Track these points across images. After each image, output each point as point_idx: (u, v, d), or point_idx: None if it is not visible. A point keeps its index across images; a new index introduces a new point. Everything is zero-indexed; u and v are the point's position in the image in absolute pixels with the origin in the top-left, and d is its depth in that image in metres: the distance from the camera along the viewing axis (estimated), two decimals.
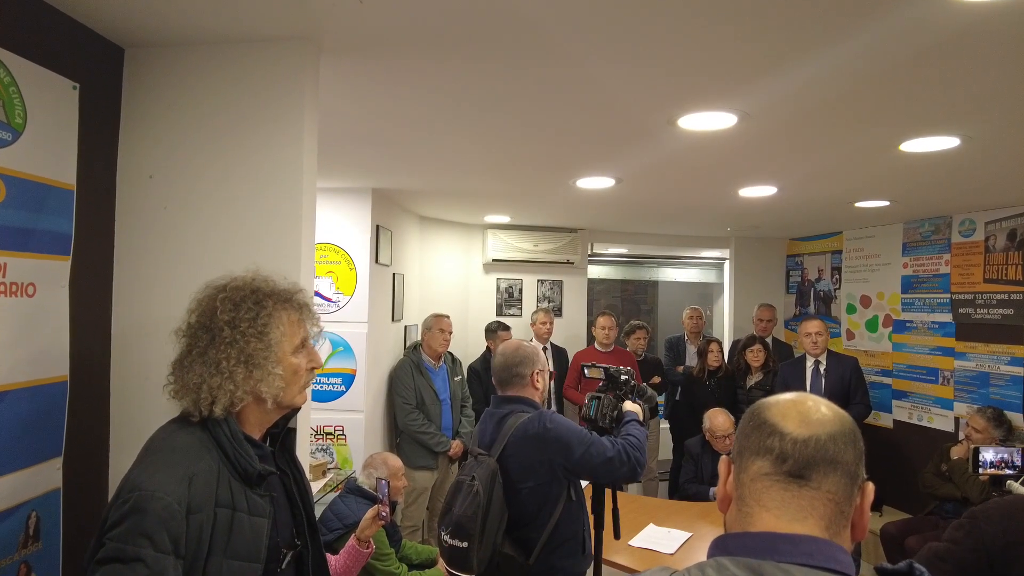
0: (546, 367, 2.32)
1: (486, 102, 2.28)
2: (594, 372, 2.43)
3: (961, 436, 4.13)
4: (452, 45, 1.80)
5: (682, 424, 5.02)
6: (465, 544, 2.00)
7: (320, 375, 3.95)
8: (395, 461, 3.17)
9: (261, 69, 1.80)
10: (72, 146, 1.64)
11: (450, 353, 4.50)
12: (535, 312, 5.24)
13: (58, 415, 1.61)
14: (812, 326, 4.48)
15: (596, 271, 6.95)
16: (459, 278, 5.81)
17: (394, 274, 4.59)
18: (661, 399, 5.45)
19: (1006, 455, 3.22)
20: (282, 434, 1.40)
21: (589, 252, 6.23)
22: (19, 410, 1.48)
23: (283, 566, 1.32)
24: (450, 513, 2.08)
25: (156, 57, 1.83)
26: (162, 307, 1.71)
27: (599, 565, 2.35)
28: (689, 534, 3.12)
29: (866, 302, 5.34)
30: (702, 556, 0.85)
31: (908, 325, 4.91)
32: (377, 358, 4.24)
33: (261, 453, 1.29)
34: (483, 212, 5.17)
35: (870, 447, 0.96)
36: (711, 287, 7.24)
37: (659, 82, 2.05)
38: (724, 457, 0.95)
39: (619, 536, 2.41)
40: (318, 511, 2.50)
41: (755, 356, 4.86)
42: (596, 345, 5.07)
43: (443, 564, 2.25)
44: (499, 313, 5.86)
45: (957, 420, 4.42)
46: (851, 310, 5.50)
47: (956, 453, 3.74)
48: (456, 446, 4.24)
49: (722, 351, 5.11)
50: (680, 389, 5.25)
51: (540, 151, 2.98)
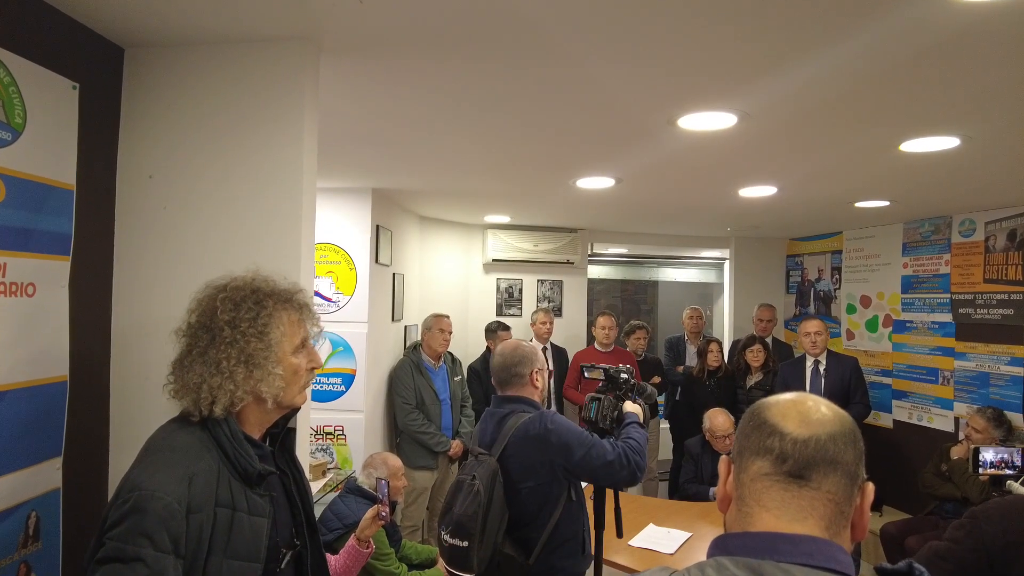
0: (545, 366, 2.31)
1: (486, 102, 2.28)
2: (594, 373, 2.43)
3: (961, 436, 4.13)
4: (452, 45, 1.80)
5: (682, 424, 5.02)
6: (465, 543, 2.00)
7: (320, 375, 3.95)
8: (395, 461, 3.17)
9: (261, 69, 1.80)
10: (72, 146, 1.64)
11: (450, 353, 4.50)
12: (535, 312, 5.24)
13: (58, 415, 1.61)
14: (811, 326, 4.48)
15: (596, 271, 6.95)
16: (459, 278, 5.81)
17: (394, 274, 4.59)
18: (661, 399, 5.46)
19: (1006, 455, 3.22)
20: (282, 434, 1.41)
21: (589, 252, 6.23)
22: (19, 410, 1.48)
23: (282, 566, 1.32)
24: (450, 512, 2.08)
25: (156, 57, 1.83)
26: (162, 307, 1.71)
27: (599, 565, 2.35)
28: (689, 534, 3.12)
29: (866, 302, 5.34)
30: (702, 556, 0.85)
31: (908, 325, 4.91)
32: (377, 358, 4.24)
33: (261, 453, 1.29)
34: (483, 212, 5.18)
35: (870, 447, 0.96)
36: (711, 287, 7.24)
37: (659, 82, 2.05)
38: (724, 457, 0.95)
39: (622, 534, 2.41)
40: (318, 511, 2.50)
41: (755, 356, 4.86)
42: (596, 345, 5.06)
43: (443, 564, 2.25)
44: (499, 313, 5.87)
45: (957, 420, 4.42)
46: (851, 310, 5.50)
47: (956, 453, 3.74)
48: (456, 446, 4.24)
49: (722, 351, 5.11)
50: (680, 389, 5.25)
51: (540, 151, 2.98)
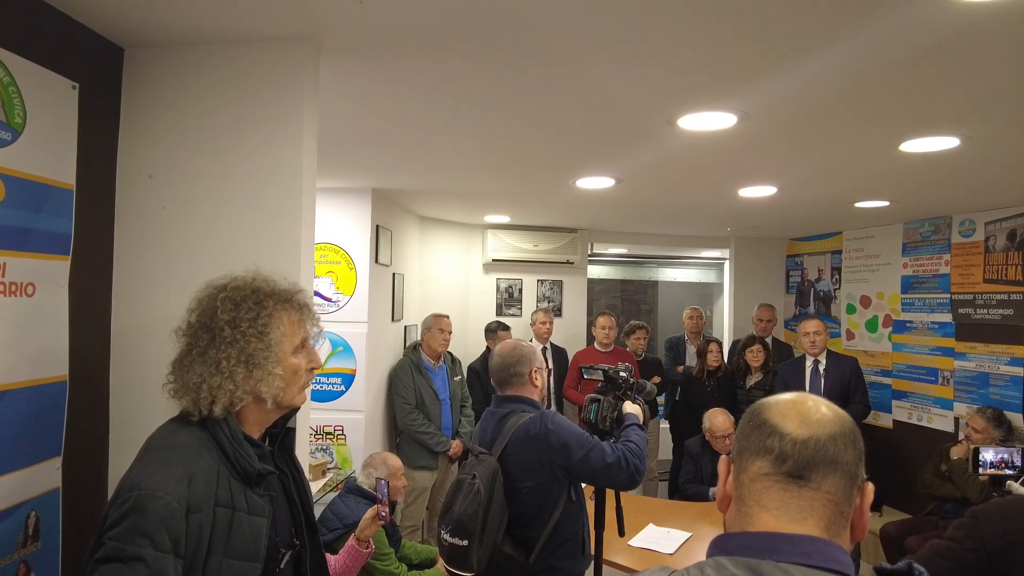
0: (544, 365, 2.31)
1: (486, 102, 2.28)
2: (593, 375, 2.43)
3: (961, 436, 4.13)
4: (452, 45, 1.80)
5: (682, 424, 5.02)
6: (465, 542, 2.00)
7: (320, 375, 3.95)
8: (395, 461, 3.17)
9: (261, 69, 1.80)
10: (72, 146, 1.64)
11: (450, 353, 4.50)
12: (535, 312, 5.23)
13: (57, 415, 1.61)
14: (810, 326, 4.48)
15: (596, 271, 6.95)
16: (459, 278, 5.81)
17: (394, 274, 4.59)
18: (661, 399, 5.46)
19: (1006, 455, 3.22)
20: (281, 434, 1.41)
21: (589, 252, 6.23)
22: (18, 410, 1.48)
23: (282, 565, 1.32)
24: (450, 511, 2.08)
25: (156, 57, 1.83)
26: (162, 307, 1.71)
27: (599, 565, 2.35)
28: (689, 534, 3.12)
29: (866, 302, 5.34)
30: (701, 556, 0.85)
31: (908, 325, 4.91)
32: (377, 358, 4.24)
33: (260, 453, 1.29)
34: (483, 212, 5.17)
35: (870, 447, 0.96)
36: (711, 287, 7.24)
37: (659, 82, 2.05)
38: (724, 457, 0.95)
39: (623, 533, 2.41)
40: (318, 511, 2.50)
41: (755, 356, 4.86)
42: (596, 345, 5.06)
43: (442, 564, 2.25)
44: (499, 313, 5.87)
45: (957, 420, 4.42)
46: (851, 310, 5.50)
47: (956, 453, 3.74)
48: (456, 446, 4.24)
49: (721, 351, 5.10)
50: (680, 389, 5.24)
51: (540, 151, 2.98)
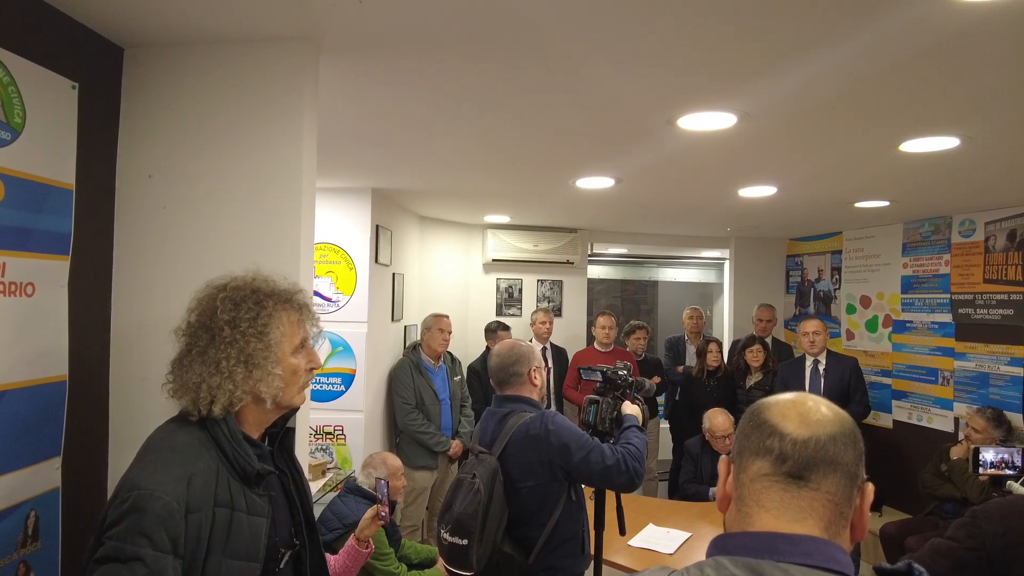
0: (542, 364, 2.31)
1: (486, 102, 2.28)
2: (591, 376, 2.43)
3: (961, 436, 4.13)
4: (452, 45, 1.80)
5: (681, 424, 5.02)
6: (465, 541, 2.00)
7: (320, 375, 3.94)
8: (394, 461, 3.17)
9: (261, 69, 1.80)
10: (71, 146, 1.64)
11: (449, 353, 4.50)
12: (535, 312, 5.23)
13: (57, 415, 1.61)
14: (810, 325, 4.48)
15: (596, 271, 6.95)
16: (459, 278, 5.81)
17: (394, 274, 4.59)
18: (661, 399, 5.46)
19: (1006, 455, 3.22)
20: (281, 434, 1.41)
21: (589, 252, 6.23)
22: (18, 410, 1.48)
23: (281, 565, 1.32)
24: (450, 511, 2.08)
25: (156, 57, 1.83)
26: (161, 307, 1.71)
27: (599, 565, 2.35)
28: (688, 534, 3.12)
29: (866, 302, 5.34)
30: (701, 556, 0.85)
31: (908, 325, 4.91)
32: (377, 358, 4.24)
33: (260, 453, 1.29)
34: (483, 212, 5.17)
35: (869, 447, 0.96)
36: (711, 287, 7.24)
37: (659, 82, 2.05)
38: (724, 457, 0.94)
39: (624, 532, 2.41)
40: (317, 511, 2.50)
41: (754, 356, 4.86)
42: (596, 345, 5.06)
43: (442, 564, 2.25)
44: (499, 313, 5.86)
45: (957, 420, 4.42)
46: (851, 310, 5.50)
47: (956, 453, 3.74)
48: (456, 446, 4.24)
49: (721, 351, 5.10)
50: (680, 389, 5.24)
51: (540, 151, 2.98)
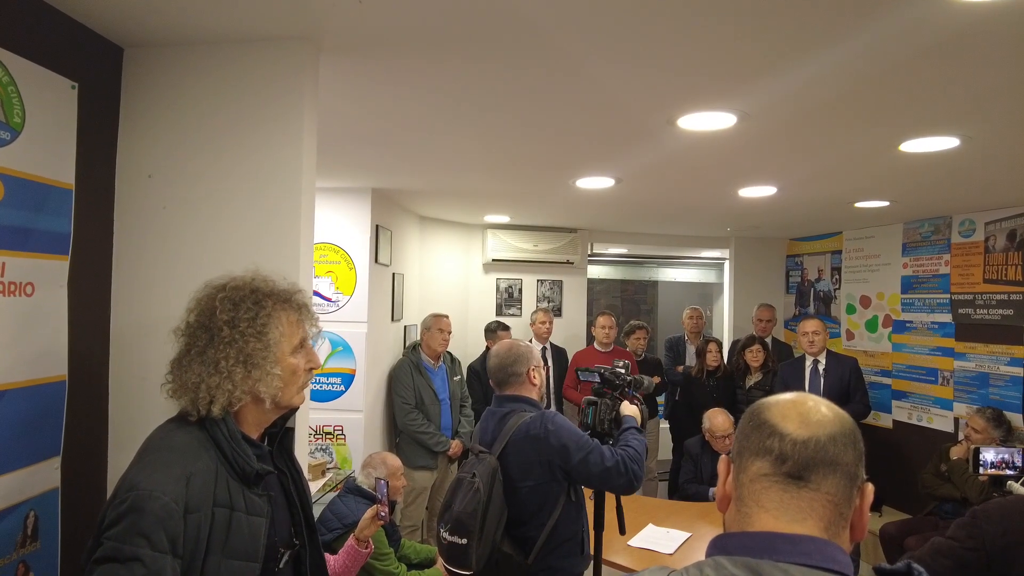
0: (541, 363, 2.31)
1: (486, 102, 2.28)
2: (589, 377, 2.43)
3: (960, 436, 4.13)
4: (452, 45, 1.80)
5: (681, 424, 5.02)
6: (464, 541, 2.00)
7: (319, 375, 3.95)
8: (394, 461, 3.17)
9: (260, 69, 1.80)
10: (71, 145, 1.64)
11: (449, 353, 4.50)
12: (535, 312, 5.23)
13: (56, 415, 1.61)
14: (809, 325, 4.48)
15: (596, 271, 6.95)
16: (459, 278, 5.81)
17: (394, 274, 4.59)
18: (661, 399, 5.45)
19: (1007, 455, 3.21)
20: (280, 434, 1.41)
21: (589, 252, 6.23)
22: (18, 409, 1.48)
23: (281, 565, 1.32)
24: (450, 510, 2.08)
25: (155, 57, 1.83)
26: (161, 307, 1.71)
27: (599, 565, 2.35)
28: (688, 534, 3.12)
29: (866, 302, 5.33)
30: (701, 556, 0.85)
31: (908, 325, 4.91)
32: (376, 358, 4.24)
33: (259, 453, 1.29)
34: (483, 212, 5.17)
35: (869, 447, 0.96)
36: (711, 287, 7.24)
37: (659, 82, 2.05)
38: (723, 457, 0.94)
39: (624, 531, 2.41)
40: (317, 511, 2.50)
41: (754, 356, 4.85)
42: (596, 345, 5.06)
43: (442, 564, 2.25)
44: (499, 313, 5.86)
45: (956, 420, 4.42)
46: (851, 310, 5.50)
47: (955, 453, 3.74)
48: (455, 446, 4.24)
49: (721, 351, 5.10)
50: (680, 389, 5.24)
51: (540, 151, 2.98)
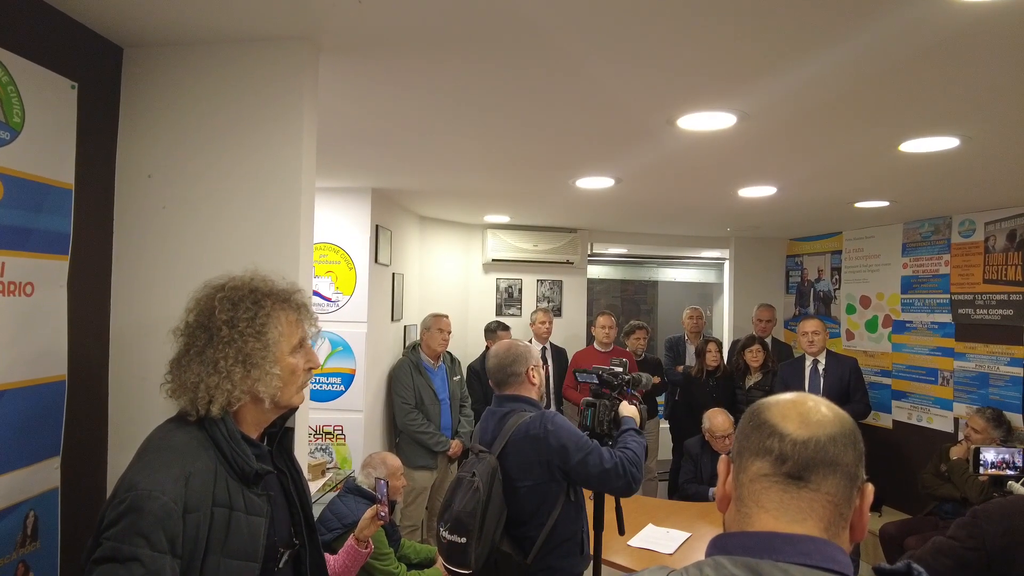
0: (540, 362, 2.31)
1: (486, 102, 2.28)
2: (587, 378, 2.43)
3: (960, 436, 4.13)
4: (452, 45, 1.80)
5: (681, 424, 5.02)
6: (463, 540, 2.00)
7: (319, 375, 3.94)
8: (394, 461, 3.16)
9: (260, 69, 1.80)
10: (71, 145, 1.64)
11: (449, 353, 4.50)
12: (534, 312, 5.23)
13: (56, 414, 1.61)
14: (809, 325, 4.48)
15: (596, 271, 6.95)
16: (459, 278, 5.81)
17: (393, 274, 4.59)
18: (661, 399, 5.45)
19: (1007, 456, 3.21)
20: (280, 434, 1.41)
21: (589, 252, 6.23)
22: (17, 409, 1.48)
23: (280, 565, 1.32)
24: (450, 509, 2.08)
25: (155, 56, 1.83)
26: (161, 307, 1.71)
27: (598, 565, 2.35)
28: (688, 534, 3.12)
29: (866, 302, 5.33)
30: (701, 556, 0.85)
31: (908, 325, 4.90)
32: (376, 358, 4.24)
33: (258, 452, 1.28)
34: (483, 212, 5.17)
35: (869, 447, 0.95)
36: (711, 287, 7.24)
37: (659, 82, 2.05)
38: (723, 457, 0.94)
39: (623, 531, 2.41)
40: (317, 511, 2.50)
41: (754, 356, 4.85)
42: (596, 345, 5.06)
43: (442, 563, 2.25)
44: (499, 313, 5.86)
45: (956, 420, 4.42)
46: (851, 310, 5.50)
47: (955, 453, 3.74)
48: (455, 446, 4.24)
49: (720, 351, 5.10)
50: (679, 389, 5.24)
51: (540, 151, 2.98)
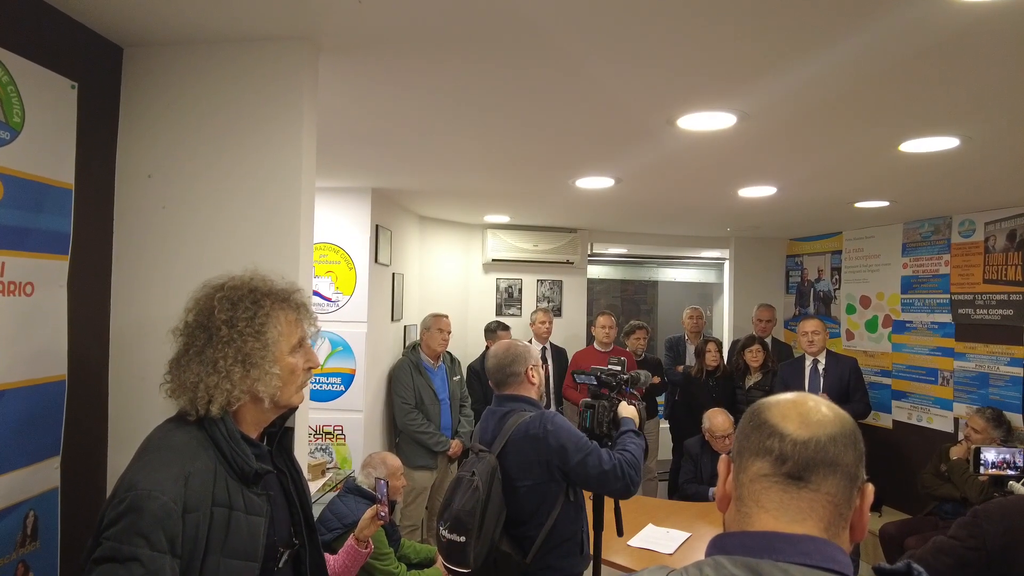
0: (539, 362, 2.31)
1: (486, 102, 2.28)
2: (585, 380, 2.43)
3: (960, 436, 4.13)
4: (452, 45, 1.80)
5: (681, 424, 5.02)
6: (463, 539, 2.00)
7: (319, 375, 3.94)
8: (394, 461, 3.16)
9: (260, 68, 1.80)
10: (71, 145, 1.64)
11: (449, 353, 4.50)
12: (534, 312, 5.23)
13: (56, 414, 1.61)
14: (808, 325, 4.48)
15: (596, 271, 6.95)
16: (459, 278, 5.81)
17: (393, 274, 4.59)
18: (661, 399, 5.45)
19: (1008, 456, 3.21)
20: (279, 433, 1.40)
21: (589, 252, 6.23)
22: (17, 409, 1.48)
23: (280, 565, 1.32)
24: (449, 508, 2.08)
25: (155, 56, 1.83)
26: (160, 306, 1.71)
27: (598, 565, 2.35)
28: (688, 534, 3.12)
29: (866, 302, 5.33)
30: (701, 556, 0.85)
31: (908, 325, 4.90)
32: (376, 358, 4.24)
33: (258, 452, 1.28)
34: (483, 212, 5.17)
35: (869, 447, 0.95)
36: (711, 287, 7.23)
37: (659, 82, 2.05)
38: (724, 456, 0.94)
39: (622, 532, 2.41)
40: (317, 511, 2.50)
41: (754, 356, 4.85)
42: (596, 345, 5.06)
43: (442, 563, 2.25)
44: (499, 313, 5.86)
45: (956, 420, 4.42)
46: (851, 310, 5.49)
47: (955, 453, 3.73)
48: (455, 446, 4.24)
49: (720, 351, 5.10)
50: (679, 389, 5.24)
51: (540, 151, 2.98)
